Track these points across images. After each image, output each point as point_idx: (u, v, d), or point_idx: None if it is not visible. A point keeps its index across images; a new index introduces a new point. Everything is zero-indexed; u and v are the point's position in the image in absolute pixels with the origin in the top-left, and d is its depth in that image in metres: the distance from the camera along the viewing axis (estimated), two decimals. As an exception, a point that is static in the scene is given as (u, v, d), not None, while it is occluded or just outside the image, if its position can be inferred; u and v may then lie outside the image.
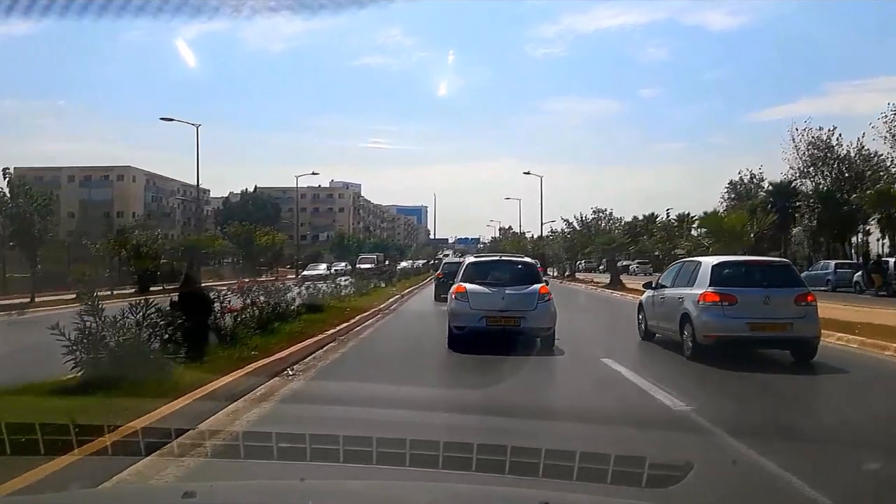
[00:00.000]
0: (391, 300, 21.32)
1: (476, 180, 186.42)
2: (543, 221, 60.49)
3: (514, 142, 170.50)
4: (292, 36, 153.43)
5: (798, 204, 45.13)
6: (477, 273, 11.43)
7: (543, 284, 11.06)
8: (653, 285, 12.35)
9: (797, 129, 45.56)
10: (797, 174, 46.20)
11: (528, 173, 55.87)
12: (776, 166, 61.69)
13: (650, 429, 5.52)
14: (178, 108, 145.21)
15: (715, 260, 10.86)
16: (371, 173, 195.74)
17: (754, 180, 53.31)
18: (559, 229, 53.80)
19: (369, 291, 22.74)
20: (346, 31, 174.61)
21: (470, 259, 13.02)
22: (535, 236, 67.44)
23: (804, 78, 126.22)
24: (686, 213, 62.96)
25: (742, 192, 52.92)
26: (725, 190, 55.08)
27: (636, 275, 45.37)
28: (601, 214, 51.21)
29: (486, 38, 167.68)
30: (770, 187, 48.28)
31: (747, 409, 6.86)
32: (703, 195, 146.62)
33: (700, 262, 10.93)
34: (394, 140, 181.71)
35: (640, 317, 12.31)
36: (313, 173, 60.95)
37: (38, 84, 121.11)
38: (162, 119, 38.72)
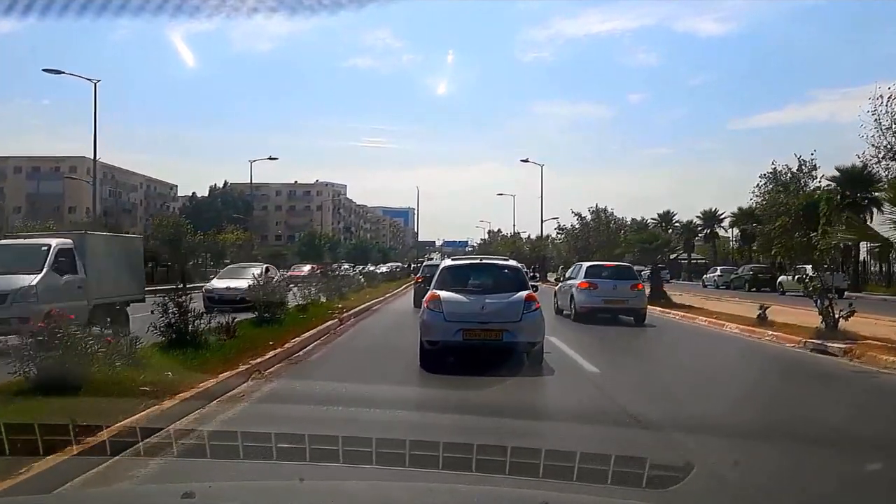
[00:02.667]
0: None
1: (466, 183, 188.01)
2: (543, 219, 59.67)
3: (504, 144, 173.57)
4: (279, 37, 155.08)
5: (877, 194, 35.65)
6: (453, 278, 10.74)
7: (530, 291, 10.51)
8: (561, 279, 22.89)
9: (881, 98, 34.33)
10: (880, 154, 35.72)
11: (525, 160, 56.54)
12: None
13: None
14: (173, 108, 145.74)
15: (588, 263, 20.35)
16: (359, 175, 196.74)
17: (804, 168, 44.52)
18: (569, 225, 47.64)
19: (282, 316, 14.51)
20: (336, 33, 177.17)
21: (446, 262, 12.39)
22: (533, 236, 65.86)
23: (792, 85, 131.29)
24: (713, 209, 63.22)
25: (787, 182, 44.97)
26: (762, 181, 46.90)
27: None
28: (603, 214, 50.07)
29: (475, 41, 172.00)
30: (837, 173, 40.86)
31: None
32: (693, 199, 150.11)
33: (582, 265, 20.34)
34: (383, 141, 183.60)
35: (555, 300, 20.94)
36: (270, 158, 56.33)
37: (26, 84, 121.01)
38: (45, 70, 32.12)
